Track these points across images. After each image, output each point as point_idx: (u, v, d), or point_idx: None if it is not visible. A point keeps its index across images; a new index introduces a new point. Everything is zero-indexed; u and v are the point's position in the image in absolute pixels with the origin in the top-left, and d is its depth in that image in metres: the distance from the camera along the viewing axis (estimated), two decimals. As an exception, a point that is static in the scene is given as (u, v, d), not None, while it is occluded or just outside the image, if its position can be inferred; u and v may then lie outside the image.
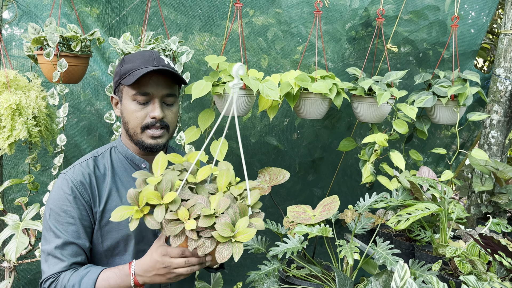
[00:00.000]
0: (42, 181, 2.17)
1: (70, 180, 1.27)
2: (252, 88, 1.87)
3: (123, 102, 1.31)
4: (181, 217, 1.11)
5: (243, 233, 1.10)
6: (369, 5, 2.38)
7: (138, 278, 1.20)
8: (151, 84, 1.26)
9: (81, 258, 1.26)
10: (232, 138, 2.50)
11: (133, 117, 1.28)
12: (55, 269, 1.23)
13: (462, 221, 1.72)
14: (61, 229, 1.24)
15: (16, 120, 1.67)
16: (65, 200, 1.26)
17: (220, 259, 1.09)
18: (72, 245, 1.25)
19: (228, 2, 2.19)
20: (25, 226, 1.67)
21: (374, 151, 2.17)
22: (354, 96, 2.20)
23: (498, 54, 2.49)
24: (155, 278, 1.19)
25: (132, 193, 1.15)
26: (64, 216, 1.25)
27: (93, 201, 1.28)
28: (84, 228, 1.26)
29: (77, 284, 1.20)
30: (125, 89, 1.29)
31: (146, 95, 1.27)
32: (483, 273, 1.43)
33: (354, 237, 2.06)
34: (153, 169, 1.21)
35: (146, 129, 1.28)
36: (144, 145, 1.30)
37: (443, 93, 2.16)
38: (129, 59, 1.30)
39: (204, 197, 1.16)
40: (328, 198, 1.74)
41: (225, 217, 1.11)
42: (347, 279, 1.42)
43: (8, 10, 2.02)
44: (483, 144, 2.54)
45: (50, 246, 1.24)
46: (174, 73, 1.28)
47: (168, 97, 1.30)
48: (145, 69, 1.23)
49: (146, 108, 1.28)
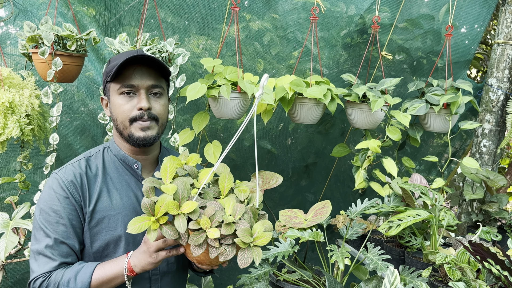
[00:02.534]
0: (33, 180, 2.15)
1: (61, 180, 1.27)
2: (247, 92, 1.88)
3: (111, 100, 1.31)
4: (203, 226, 1.11)
5: (261, 237, 1.12)
6: (365, 13, 2.40)
7: (132, 265, 1.22)
8: (135, 76, 1.27)
9: (71, 258, 1.26)
10: (226, 141, 2.51)
11: (120, 110, 1.28)
12: (46, 268, 1.23)
13: (452, 229, 1.73)
14: (50, 229, 1.24)
15: (8, 118, 1.66)
16: (55, 200, 1.25)
17: (243, 264, 1.11)
18: (63, 245, 1.24)
19: (225, 6, 2.20)
20: (15, 225, 1.66)
21: (367, 157, 2.18)
22: (348, 102, 2.22)
23: (491, 64, 2.52)
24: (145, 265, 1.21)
25: (147, 202, 1.14)
26: (54, 216, 1.25)
27: (84, 201, 1.28)
28: (73, 229, 1.26)
29: (72, 278, 1.20)
30: (111, 86, 1.30)
31: (131, 87, 1.27)
32: (472, 280, 1.44)
33: (346, 242, 2.06)
34: (161, 175, 1.21)
35: (134, 121, 1.28)
36: (134, 138, 1.29)
37: (436, 101, 2.18)
38: (114, 58, 1.32)
39: (218, 203, 1.17)
40: (320, 203, 1.75)
41: (243, 223, 1.12)
42: (338, 284, 1.43)
43: (4, 8, 2.01)
44: (475, 153, 2.57)
45: (40, 245, 1.24)
46: (158, 64, 1.28)
47: (154, 88, 1.30)
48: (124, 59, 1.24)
49: (133, 101, 1.28)
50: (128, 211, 1.31)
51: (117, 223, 1.30)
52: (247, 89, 1.87)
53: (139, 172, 1.35)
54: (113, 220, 1.30)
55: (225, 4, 2.22)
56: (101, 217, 1.29)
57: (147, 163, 1.39)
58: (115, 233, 1.30)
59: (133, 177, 1.36)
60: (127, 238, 1.31)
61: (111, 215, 1.29)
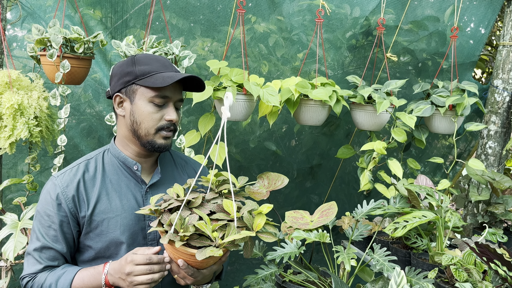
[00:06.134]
0: (40, 181, 2.17)
1: (58, 186, 1.30)
2: (252, 94, 1.88)
3: (136, 103, 1.29)
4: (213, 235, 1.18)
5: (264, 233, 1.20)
6: (370, 15, 2.40)
7: (109, 277, 1.24)
8: (170, 88, 1.30)
9: (57, 262, 1.31)
10: (231, 143, 2.51)
11: (149, 118, 1.30)
12: (32, 269, 1.29)
13: (458, 230, 1.73)
14: (43, 232, 1.29)
15: (17, 120, 1.67)
16: (49, 205, 1.29)
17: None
18: (50, 250, 1.29)
19: (230, 8, 2.22)
20: (23, 226, 1.67)
21: (373, 158, 2.19)
22: (354, 104, 2.22)
23: (496, 65, 2.51)
24: (119, 282, 1.22)
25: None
26: (47, 220, 1.29)
27: (80, 208, 1.30)
28: (63, 234, 1.30)
29: (53, 284, 1.25)
30: (141, 89, 1.29)
31: (165, 98, 1.30)
32: (479, 282, 1.44)
33: (351, 243, 2.06)
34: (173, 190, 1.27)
35: (160, 130, 1.31)
36: (155, 145, 1.32)
37: (441, 103, 2.18)
38: (143, 61, 1.30)
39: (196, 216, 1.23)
40: (326, 204, 1.75)
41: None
42: (344, 285, 1.43)
43: (11, 11, 2.03)
44: (480, 155, 2.56)
45: (31, 247, 1.31)
46: (198, 83, 1.34)
47: (180, 101, 1.36)
48: (176, 74, 1.27)
49: (162, 111, 1.31)
50: (127, 213, 1.33)
51: (116, 225, 1.31)
52: (253, 91, 1.88)
53: (138, 174, 1.36)
54: (112, 222, 1.31)
55: (229, 6, 2.23)
56: (100, 220, 1.31)
57: (147, 165, 1.40)
58: (115, 235, 1.31)
59: (132, 179, 1.37)
60: (127, 240, 1.32)
61: (110, 217, 1.31)
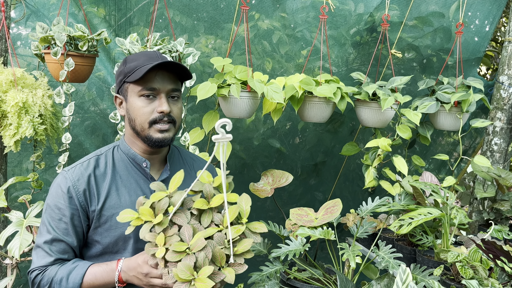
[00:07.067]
0: (45, 179, 2.18)
1: (69, 179, 1.30)
2: (257, 91, 1.88)
3: (128, 100, 1.32)
4: (157, 241, 1.15)
5: (201, 281, 1.08)
6: (374, 11, 2.39)
7: (122, 274, 1.25)
8: (157, 79, 1.29)
9: (68, 255, 1.30)
10: (235, 140, 2.51)
11: (140, 112, 1.30)
12: (42, 262, 1.28)
13: (464, 227, 1.73)
14: (53, 225, 1.29)
15: (22, 118, 1.67)
16: (60, 198, 1.29)
17: None
18: (61, 242, 1.29)
19: (233, 5, 2.21)
20: (28, 223, 1.68)
21: (377, 155, 2.18)
22: (358, 101, 2.21)
23: (502, 61, 2.50)
24: (133, 279, 1.23)
25: (141, 201, 1.23)
26: (58, 213, 1.29)
27: (90, 202, 1.31)
28: (74, 227, 1.30)
29: (65, 278, 1.25)
30: (130, 86, 1.31)
31: (152, 90, 1.29)
32: (485, 279, 1.43)
33: (356, 241, 2.06)
34: (170, 184, 1.25)
35: (154, 123, 1.30)
36: (152, 139, 1.31)
37: (446, 99, 2.17)
38: (132, 58, 1.32)
39: (190, 229, 1.17)
40: (330, 202, 1.75)
41: (191, 259, 1.10)
42: (349, 282, 1.43)
43: (15, 10, 2.03)
44: (486, 151, 2.55)
45: (40, 240, 1.30)
46: (179, 68, 1.30)
47: (173, 91, 1.32)
48: (151, 64, 1.25)
49: (153, 103, 1.30)
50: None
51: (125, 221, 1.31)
52: (257, 88, 1.88)
53: (147, 171, 1.37)
54: None
55: (233, 3, 2.22)
56: (110, 215, 1.31)
57: (156, 162, 1.41)
58: (124, 230, 1.31)
59: (142, 175, 1.37)
60: (135, 235, 1.32)
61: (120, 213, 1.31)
